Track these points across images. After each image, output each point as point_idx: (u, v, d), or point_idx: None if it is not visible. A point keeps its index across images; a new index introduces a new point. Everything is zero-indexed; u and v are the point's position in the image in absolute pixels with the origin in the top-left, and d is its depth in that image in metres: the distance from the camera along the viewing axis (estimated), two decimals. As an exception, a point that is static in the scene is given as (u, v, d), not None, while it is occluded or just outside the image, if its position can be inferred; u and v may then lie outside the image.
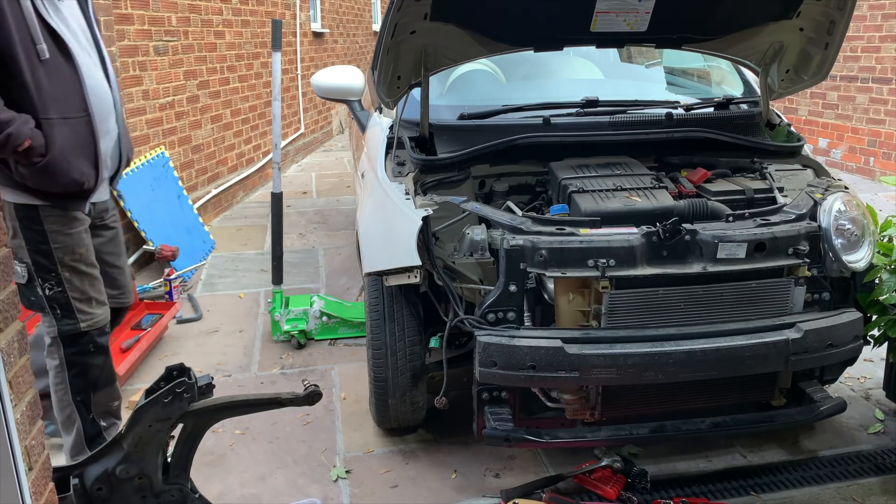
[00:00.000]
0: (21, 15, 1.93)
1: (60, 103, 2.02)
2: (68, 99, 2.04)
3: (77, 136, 2.06)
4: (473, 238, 2.23)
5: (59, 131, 2.01)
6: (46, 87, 1.98)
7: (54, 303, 2.16)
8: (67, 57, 2.03)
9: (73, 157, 2.05)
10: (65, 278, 2.15)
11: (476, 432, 2.29)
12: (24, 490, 1.28)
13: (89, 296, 2.21)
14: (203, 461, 2.53)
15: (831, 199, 2.32)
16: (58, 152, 2.01)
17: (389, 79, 2.50)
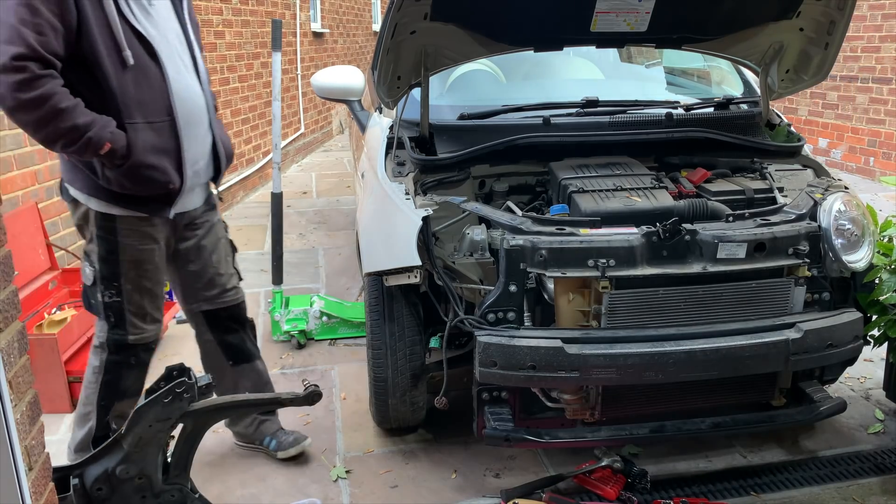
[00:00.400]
0: (105, 20, 1.90)
1: (145, 107, 1.99)
2: (153, 103, 2.01)
3: (161, 139, 2.03)
4: (473, 238, 2.23)
5: (143, 135, 1.99)
6: (131, 92, 1.95)
7: (110, 311, 2.14)
8: (155, 60, 2.00)
9: (156, 160, 2.03)
10: (125, 290, 2.13)
11: (476, 432, 2.29)
12: (24, 490, 1.28)
13: (145, 311, 2.19)
14: (203, 461, 2.53)
15: (831, 199, 2.32)
16: (141, 156, 1.99)
17: (389, 79, 2.49)
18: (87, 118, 1.87)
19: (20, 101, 1.80)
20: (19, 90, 1.78)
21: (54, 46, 1.82)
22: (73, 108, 1.85)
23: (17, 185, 3.40)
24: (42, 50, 1.79)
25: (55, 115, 1.82)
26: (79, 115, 1.86)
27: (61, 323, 3.02)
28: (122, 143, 1.94)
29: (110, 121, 1.93)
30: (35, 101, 1.80)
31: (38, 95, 1.79)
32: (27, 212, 3.28)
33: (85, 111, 1.88)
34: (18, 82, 1.77)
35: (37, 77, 1.79)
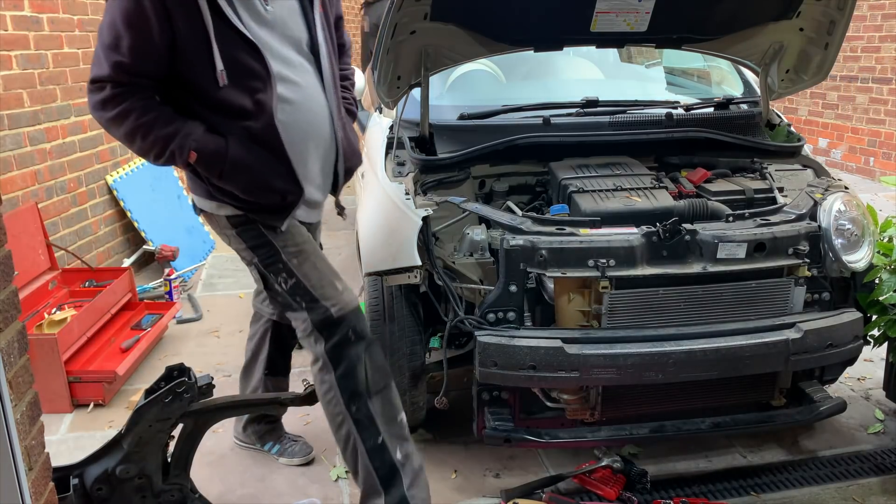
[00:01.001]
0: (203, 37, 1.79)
1: (247, 116, 1.87)
2: (257, 113, 1.87)
3: (267, 149, 1.90)
4: (473, 238, 2.23)
5: (247, 145, 1.88)
6: (233, 102, 1.85)
7: (295, 294, 1.97)
8: (264, 67, 1.86)
9: (263, 170, 1.90)
10: (294, 266, 1.98)
11: (476, 432, 2.29)
12: (24, 490, 1.28)
13: (328, 278, 2.00)
14: (203, 461, 2.53)
15: (831, 199, 2.32)
16: (241, 163, 1.87)
17: (389, 79, 2.49)
18: (168, 129, 1.82)
19: (104, 120, 1.83)
20: (101, 108, 1.82)
21: (140, 68, 1.79)
22: (152, 122, 1.81)
23: (17, 185, 3.41)
24: (121, 73, 1.78)
25: (136, 131, 1.81)
26: (159, 128, 1.82)
27: (61, 323, 3.02)
28: (212, 148, 1.85)
29: (196, 128, 1.85)
30: (116, 118, 1.81)
31: (117, 113, 1.80)
32: (27, 212, 3.28)
33: (167, 121, 1.83)
34: (99, 101, 1.81)
35: (114, 95, 1.79)
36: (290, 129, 1.92)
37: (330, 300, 1.96)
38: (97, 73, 1.80)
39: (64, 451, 2.61)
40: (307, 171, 1.99)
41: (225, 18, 1.80)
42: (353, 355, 1.94)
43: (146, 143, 1.83)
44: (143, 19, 1.74)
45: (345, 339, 1.94)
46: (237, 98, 1.85)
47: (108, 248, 4.23)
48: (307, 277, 1.97)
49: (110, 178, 4.24)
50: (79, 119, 3.92)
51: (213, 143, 1.85)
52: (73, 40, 3.86)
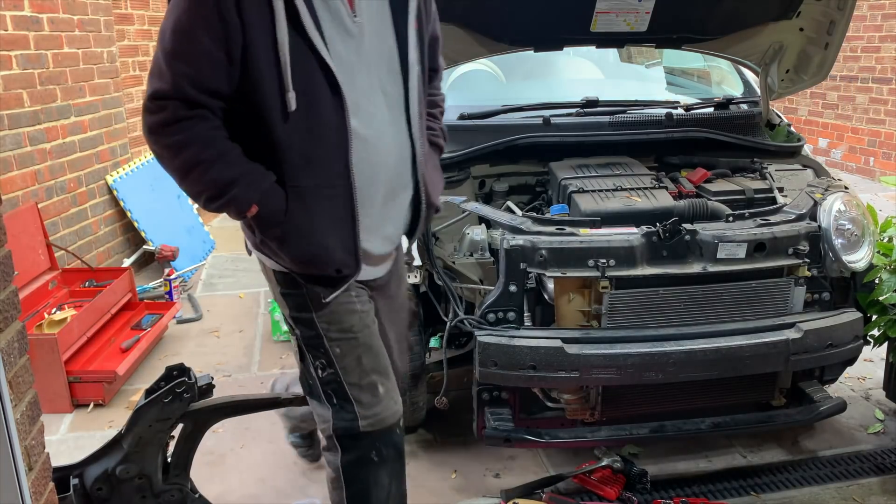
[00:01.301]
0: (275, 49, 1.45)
1: (314, 167, 1.53)
2: (325, 162, 1.54)
3: (333, 210, 1.57)
4: (473, 238, 2.23)
5: (309, 203, 1.55)
6: (297, 145, 1.51)
7: (328, 387, 1.67)
8: (339, 98, 1.51)
9: (323, 235, 1.56)
10: (335, 355, 1.65)
11: (476, 432, 2.29)
12: (24, 490, 1.28)
13: (371, 379, 1.68)
14: (203, 461, 2.53)
15: (831, 199, 2.32)
16: (300, 229, 1.55)
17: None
18: (232, 172, 1.49)
19: (160, 146, 1.50)
20: (156, 133, 1.48)
21: (211, 83, 1.46)
22: (215, 160, 1.48)
23: (17, 185, 3.41)
24: (189, 88, 1.44)
25: (193, 167, 1.48)
26: (222, 168, 1.48)
27: (61, 323, 3.02)
28: (274, 207, 1.53)
29: (265, 176, 1.52)
30: (172, 147, 1.48)
31: (176, 142, 1.47)
32: (27, 212, 3.28)
33: (233, 163, 1.50)
34: (159, 123, 1.47)
35: (177, 120, 1.46)
36: (363, 172, 1.57)
37: (363, 407, 1.67)
38: (159, 87, 1.45)
39: (64, 451, 2.61)
40: (375, 222, 1.64)
41: (301, 29, 1.46)
42: (371, 479, 1.69)
43: (201, 182, 1.50)
44: (214, 20, 1.41)
45: (365, 459, 1.69)
46: (304, 133, 1.51)
47: (108, 248, 4.23)
48: (346, 372, 1.66)
49: (110, 178, 4.24)
50: (79, 119, 3.92)
51: (277, 200, 1.53)
52: (73, 40, 3.86)
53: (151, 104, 1.47)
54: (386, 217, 1.67)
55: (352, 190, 1.56)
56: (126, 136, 4.44)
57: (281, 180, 1.53)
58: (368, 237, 1.63)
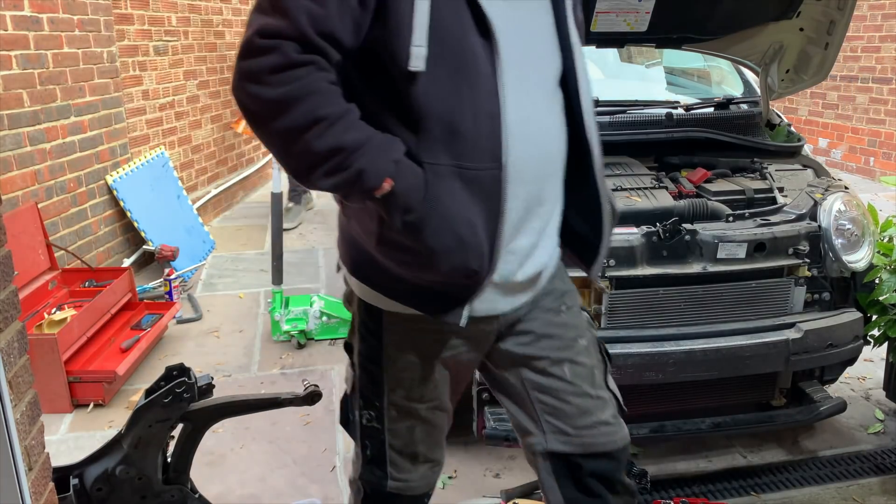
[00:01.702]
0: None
1: (461, 141, 1.22)
2: (474, 137, 1.23)
3: (473, 197, 1.24)
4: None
5: (447, 185, 1.22)
6: (440, 113, 1.21)
7: (367, 437, 1.51)
8: (492, 66, 1.22)
9: (459, 227, 1.23)
10: (389, 417, 1.46)
11: (476, 432, 2.29)
12: (23, 490, 1.28)
13: (414, 451, 1.52)
14: (203, 461, 2.53)
15: (831, 199, 2.32)
16: (438, 216, 1.22)
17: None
18: (359, 135, 1.17)
19: (258, 99, 1.15)
20: (258, 81, 1.13)
21: (335, 26, 1.15)
22: (338, 118, 1.16)
23: (17, 185, 3.41)
24: (309, 26, 1.13)
25: (308, 126, 1.14)
26: (347, 129, 1.16)
27: (61, 323, 3.02)
28: (413, 182, 1.20)
29: (396, 144, 1.21)
30: (281, 101, 1.13)
31: (286, 94, 1.13)
32: (27, 212, 3.28)
33: (358, 125, 1.19)
34: (264, 68, 1.13)
35: (290, 65, 1.13)
36: (514, 173, 1.25)
37: (397, 470, 1.51)
38: (270, 22, 1.13)
39: (64, 451, 2.61)
40: (510, 228, 1.30)
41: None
42: None
43: (317, 148, 1.15)
44: None
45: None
46: (449, 98, 1.21)
47: (108, 248, 4.23)
48: (393, 435, 1.48)
49: (110, 178, 4.24)
50: (79, 119, 3.92)
51: (415, 174, 1.21)
52: (73, 40, 3.86)
53: (256, 43, 1.13)
54: (522, 223, 1.32)
55: (500, 176, 1.24)
56: (126, 136, 4.44)
57: (413, 157, 1.22)
58: (507, 248, 1.31)
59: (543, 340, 1.45)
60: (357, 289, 1.42)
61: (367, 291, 1.39)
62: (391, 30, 1.17)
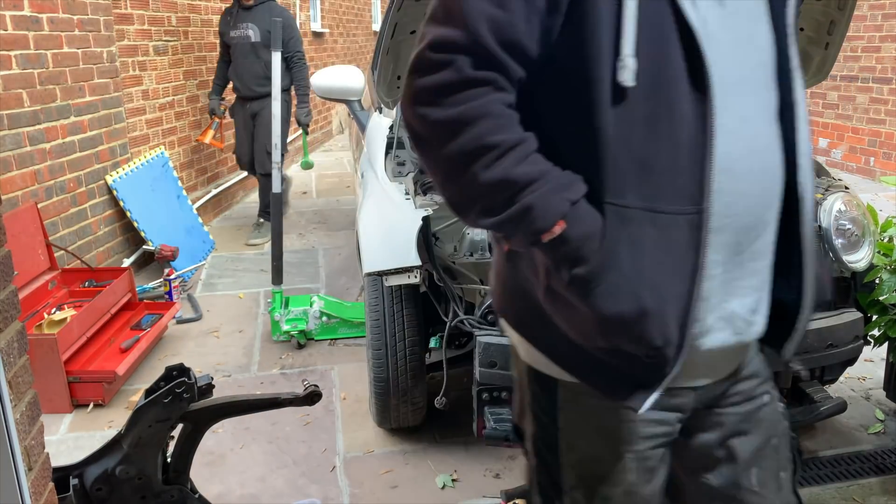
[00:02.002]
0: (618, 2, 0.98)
1: (656, 177, 1.01)
2: (674, 170, 1.01)
3: (666, 251, 1.01)
4: (473, 238, 2.23)
5: (633, 233, 1.01)
6: (631, 142, 1.00)
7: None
8: (700, 88, 1.00)
9: (642, 290, 1.01)
10: (572, 499, 1.21)
11: (476, 432, 2.29)
12: (23, 490, 1.28)
13: None
14: (203, 461, 2.53)
15: (831, 199, 2.31)
16: (624, 269, 1.01)
17: (389, 79, 2.50)
18: (533, 169, 1.00)
19: (426, 120, 1.01)
20: (428, 101, 1.01)
21: (519, 35, 0.99)
22: (510, 148, 0.99)
23: (17, 185, 3.41)
24: (489, 36, 0.98)
25: (477, 154, 0.99)
26: (519, 161, 0.99)
27: (61, 323, 3.02)
28: (588, 228, 1.00)
29: (577, 184, 1.01)
30: (451, 123, 0.99)
31: (458, 116, 0.99)
32: (27, 212, 3.28)
33: (534, 158, 1.01)
34: (439, 86, 0.99)
35: (464, 84, 0.99)
36: (722, 202, 1.02)
37: None
38: (445, 33, 0.99)
39: (64, 451, 2.61)
40: (718, 285, 1.07)
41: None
42: None
43: (484, 179, 0.99)
44: None
45: None
46: (644, 125, 1.00)
47: (107, 248, 4.23)
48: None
49: (110, 178, 4.24)
50: (78, 119, 3.92)
51: (592, 218, 1.01)
52: (73, 40, 3.86)
53: (428, 58, 1.00)
54: (733, 281, 1.08)
55: (702, 223, 1.01)
56: (126, 136, 4.44)
57: (594, 196, 1.01)
58: (704, 305, 1.05)
59: (735, 439, 1.20)
60: (524, 351, 1.18)
61: (536, 356, 1.16)
62: (587, 36, 0.98)
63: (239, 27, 4.79)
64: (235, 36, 4.80)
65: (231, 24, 4.83)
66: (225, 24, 4.89)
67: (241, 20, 4.78)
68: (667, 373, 1.05)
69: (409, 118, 1.04)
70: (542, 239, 1.01)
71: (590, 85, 0.99)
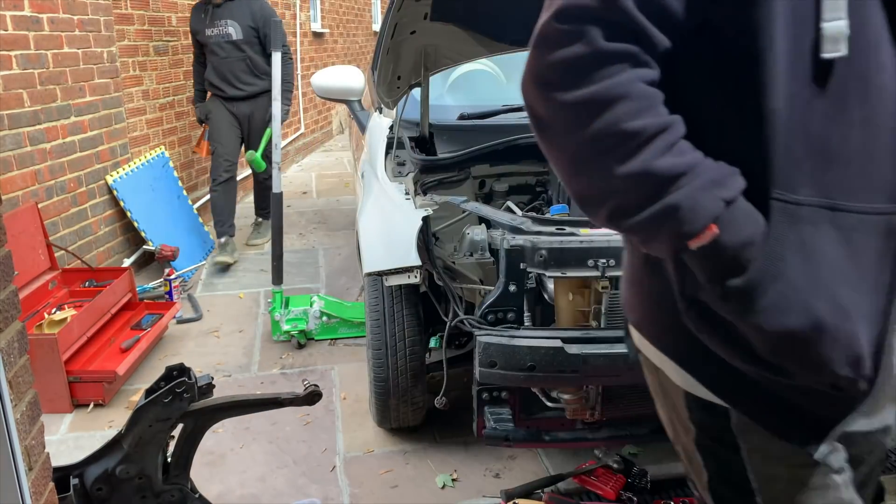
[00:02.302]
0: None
1: (840, 170, 0.85)
2: (865, 162, 0.85)
3: (851, 258, 0.85)
4: (473, 238, 2.23)
5: (809, 236, 0.84)
6: (800, 128, 0.83)
7: None
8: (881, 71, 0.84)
9: (819, 304, 0.84)
10: None
11: (476, 432, 2.29)
12: (23, 490, 1.28)
13: None
14: (203, 461, 2.53)
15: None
16: (793, 279, 0.84)
17: (389, 79, 2.50)
18: (680, 161, 0.83)
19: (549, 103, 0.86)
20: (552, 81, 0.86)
21: (666, 3, 0.83)
22: (653, 135, 0.83)
23: (17, 185, 3.41)
24: (630, 5, 0.82)
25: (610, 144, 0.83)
26: (663, 151, 0.83)
27: (61, 323, 3.02)
28: (746, 232, 0.84)
29: (733, 178, 0.85)
30: (578, 107, 0.84)
31: (587, 97, 0.83)
32: (27, 212, 3.28)
33: (681, 146, 0.85)
34: (556, 65, 0.85)
35: (597, 57, 0.83)
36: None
37: None
38: (578, 1, 0.85)
39: (64, 451, 2.61)
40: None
41: None
42: None
43: (620, 173, 0.83)
44: None
45: None
46: (829, 109, 0.83)
47: (108, 248, 4.23)
48: None
49: (110, 178, 4.24)
50: (79, 119, 3.92)
51: (751, 220, 0.84)
52: (73, 40, 3.86)
53: (553, 29, 0.87)
54: None
55: None
56: (126, 136, 4.44)
57: (758, 190, 0.85)
58: None
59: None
60: (675, 374, 0.98)
61: (694, 384, 0.96)
62: (767, 13, 0.81)
63: (216, 24, 4.47)
64: (213, 34, 4.48)
65: (206, 22, 4.47)
66: (198, 22, 4.51)
67: (217, 17, 4.46)
68: (850, 409, 0.87)
69: (532, 100, 0.88)
70: (690, 245, 0.83)
71: (760, 56, 0.81)
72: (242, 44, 4.49)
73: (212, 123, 4.69)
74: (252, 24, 4.37)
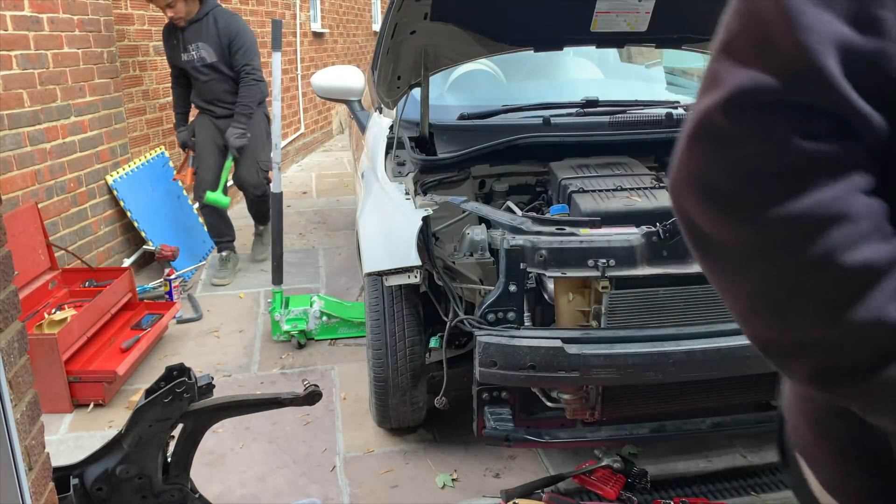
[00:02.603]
0: None
1: None
2: None
3: None
4: (473, 238, 2.23)
5: None
6: None
7: None
8: None
9: None
10: None
11: (476, 432, 2.29)
12: (24, 490, 1.28)
13: None
14: (203, 461, 2.53)
15: None
16: None
17: (389, 79, 2.50)
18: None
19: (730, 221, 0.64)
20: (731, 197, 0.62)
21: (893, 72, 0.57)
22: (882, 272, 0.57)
23: (17, 185, 3.41)
24: (842, 83, 0.56)
25: (822, 286, 0.59)
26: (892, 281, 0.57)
27: (61, 323, 3.02)
28: None
29: None
30: (777, 230, 0.60)
31: (790, 217, 0.59)
32: (27, 212, 3.28)
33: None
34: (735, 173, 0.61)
35: (800, 163, 0.58)
36: None
37: None
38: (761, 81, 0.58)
39: (64, 451, 2.61)
40: None
41: None
42: None
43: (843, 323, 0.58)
44: None
45: None
46: None
47: (108, 248, 4.23)
48: None
49: (110, 178, 4.24)
50: (79, 119, 3.92)
51: None
52: (73, 40, 3.86)
53: (727, 123, 0.60)
54: None
55: None
56: (126, 136, 4.44)
57: None
58: None
59: None
60: None
61: None
62: None
63: (189, 50, 4.27)
64: (188, 59, 4.29)
65: (179, 48, 4.26)
66: (171, 48, 4.31)
67: (187, 41, 4.27)
68: None
69: (695, 212, 0.65)
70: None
71: None
72: (219, 64, 4.33)
73: (197, 146, 4.53)
74: (220, 44, 4.24)
